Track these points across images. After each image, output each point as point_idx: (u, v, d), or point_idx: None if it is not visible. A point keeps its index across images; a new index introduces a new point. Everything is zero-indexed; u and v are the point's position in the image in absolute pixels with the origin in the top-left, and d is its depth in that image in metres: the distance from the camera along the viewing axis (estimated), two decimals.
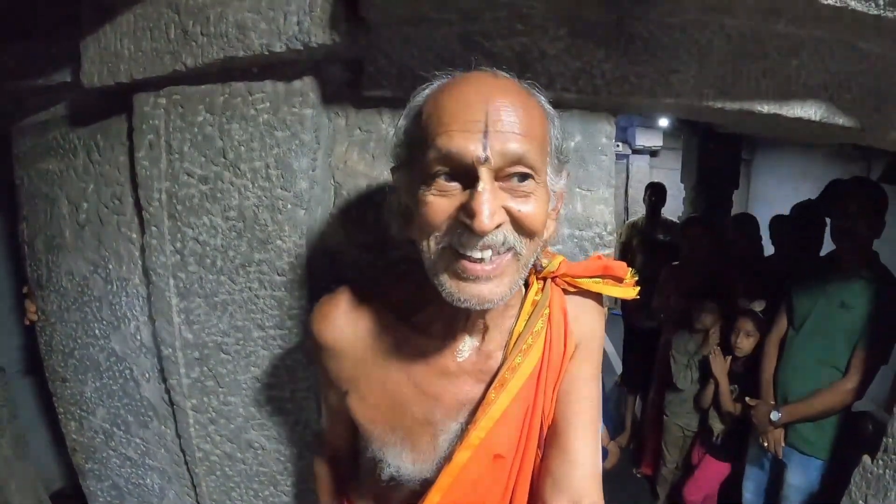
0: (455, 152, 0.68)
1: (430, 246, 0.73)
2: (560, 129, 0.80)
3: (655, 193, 4.45)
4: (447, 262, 0.72)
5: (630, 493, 3.37)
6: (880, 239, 2.06)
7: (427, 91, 0.78)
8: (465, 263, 0.71)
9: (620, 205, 9.08)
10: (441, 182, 0.70)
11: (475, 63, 0.80)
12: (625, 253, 4.41)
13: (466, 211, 0.68)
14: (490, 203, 0.67)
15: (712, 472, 2.72)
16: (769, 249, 3.25)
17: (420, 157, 0.72)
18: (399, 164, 0.81)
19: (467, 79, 0.73)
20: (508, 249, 0.71)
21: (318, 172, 1.17)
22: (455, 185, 0.70)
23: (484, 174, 0.67)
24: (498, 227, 0.69)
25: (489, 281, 0.72)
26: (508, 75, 0.75)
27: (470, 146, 0.67)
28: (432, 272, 0.75)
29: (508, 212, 0.70)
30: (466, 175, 0.69)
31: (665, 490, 3.17)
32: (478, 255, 0.70)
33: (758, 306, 2.55)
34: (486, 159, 0.67)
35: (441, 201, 0.71)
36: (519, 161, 0.69)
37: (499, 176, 0.69)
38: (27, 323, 1.83)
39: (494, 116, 0.68)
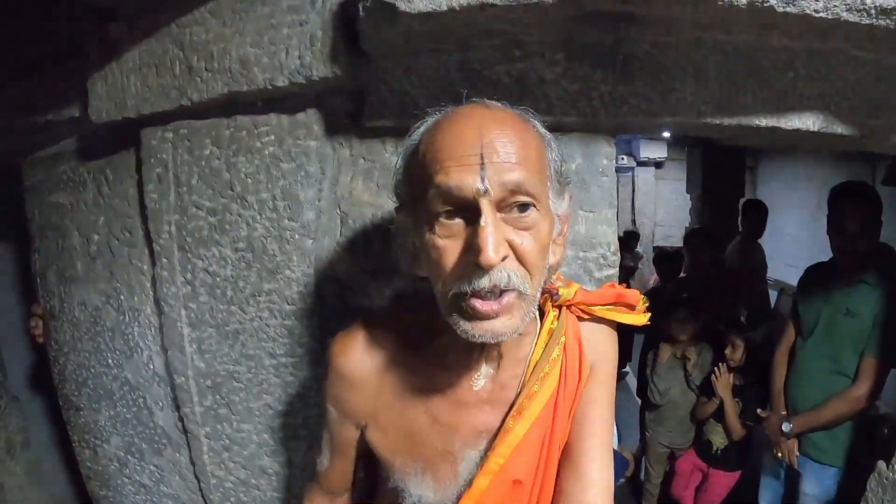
0: (455, 187, 0.68)
1: (441, 290, 0.74)
2: (558, 152, 0.80)
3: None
4: (458, 302, 0.72)
5: None
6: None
7: (422, 129, 0.78)
8: (475, 303, 0.70)
9: (627, 217, 9.09)
10: (444, 222, 0.71)
11: (473, 92, 0.80)
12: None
13: (471, 248, 0.68)
14: (494, 235, 0.67)
15: (722, 485, 2.69)
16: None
17: (421, 196, 0.73)
18: (402, 202, 0.82)
19: (459, 113, 0.74)
20: (512, 290, 0.71)
21: (324, 203, 1.19)
22: (458, 222, 0.71)
23: (485, 207, 0.67)
24: (504, 259, 0.69)
25: (500, 317, 0.72)
26: (500, 104, 0.75)
27: (468, 180, 0.67)
28: (445, 312, 0.75)
29: (511, 244, 0.70)
30: (468, 211, 0.69)
31: None
32: (486, 287, 0.69)
33: None
34: (486, 191, 0.67)
35: (448, 244, 0.71)
36: (518, 190, 0.69)
37: (500, 207, 0.69)
38: (40, 341, 1.83)
39: (489, 148, 0.68)
